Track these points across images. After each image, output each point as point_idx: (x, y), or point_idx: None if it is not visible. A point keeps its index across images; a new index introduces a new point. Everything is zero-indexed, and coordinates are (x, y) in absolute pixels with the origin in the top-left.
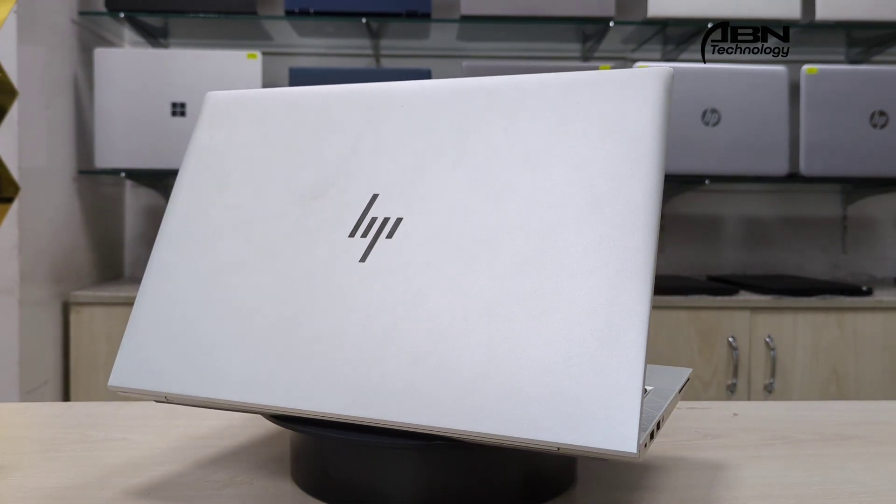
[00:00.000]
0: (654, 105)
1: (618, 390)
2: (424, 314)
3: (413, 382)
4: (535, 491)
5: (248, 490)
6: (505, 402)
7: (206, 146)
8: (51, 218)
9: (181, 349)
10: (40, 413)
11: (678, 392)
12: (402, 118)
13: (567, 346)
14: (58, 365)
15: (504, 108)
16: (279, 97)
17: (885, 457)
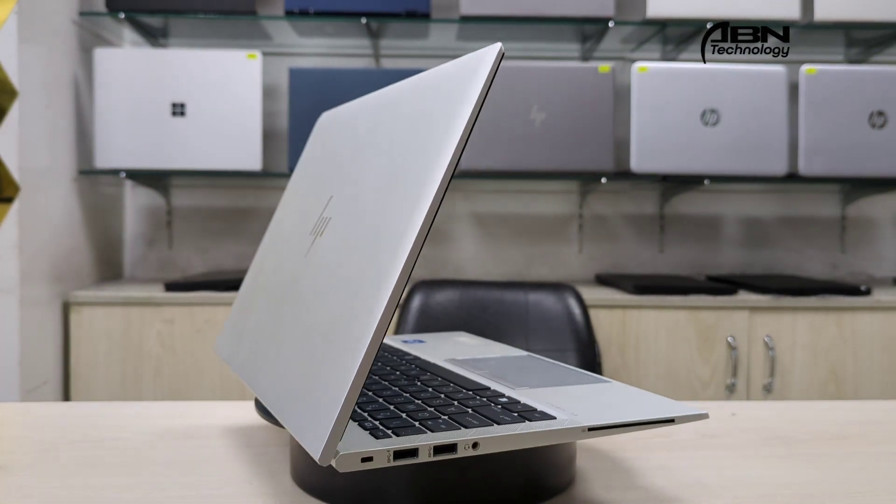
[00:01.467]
0: (464, 92)
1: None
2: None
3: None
4: (533, 490)
5: (248, 490)
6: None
7: (302, 159)
8: (51, 218)
9: (235, 332)
10: (41, 413)
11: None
12: (351, 133)
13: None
14: (58, 365)
15: (385, 118)
16: (348, 111)
17: (883, 456)
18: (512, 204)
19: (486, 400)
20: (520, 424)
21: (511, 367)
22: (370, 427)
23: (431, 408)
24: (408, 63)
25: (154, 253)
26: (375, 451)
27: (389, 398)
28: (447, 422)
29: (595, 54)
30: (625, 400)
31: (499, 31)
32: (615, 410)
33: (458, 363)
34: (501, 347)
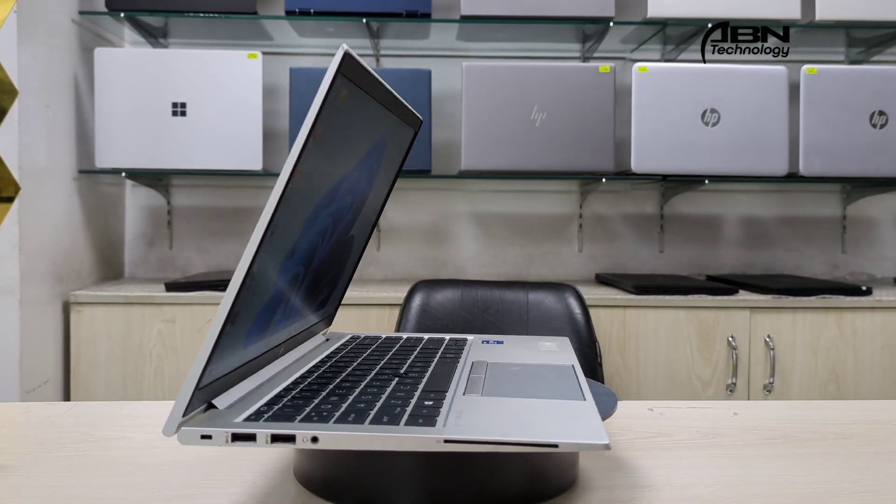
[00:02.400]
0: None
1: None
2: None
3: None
4: (536, 490)
5: (251, 489)
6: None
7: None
8: (51, 217)
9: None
10: (42, 413)
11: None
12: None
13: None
14: (58, 364)
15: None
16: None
17: (884, 456)
18: (512, 204)
19: (408, 401)
20: (378, 426)
21: (512, 376)
22: (264, 412)
23: (362, 403)
24: (408, 63)
25: (154, 253)
26: (214, 430)
27: (341, 391)
28: (336, 415)
29: (595, 54)
30: (538, 419)
31: (499, 32)
32: (505, 428)
33: (478, 365)
34: (560, 356)
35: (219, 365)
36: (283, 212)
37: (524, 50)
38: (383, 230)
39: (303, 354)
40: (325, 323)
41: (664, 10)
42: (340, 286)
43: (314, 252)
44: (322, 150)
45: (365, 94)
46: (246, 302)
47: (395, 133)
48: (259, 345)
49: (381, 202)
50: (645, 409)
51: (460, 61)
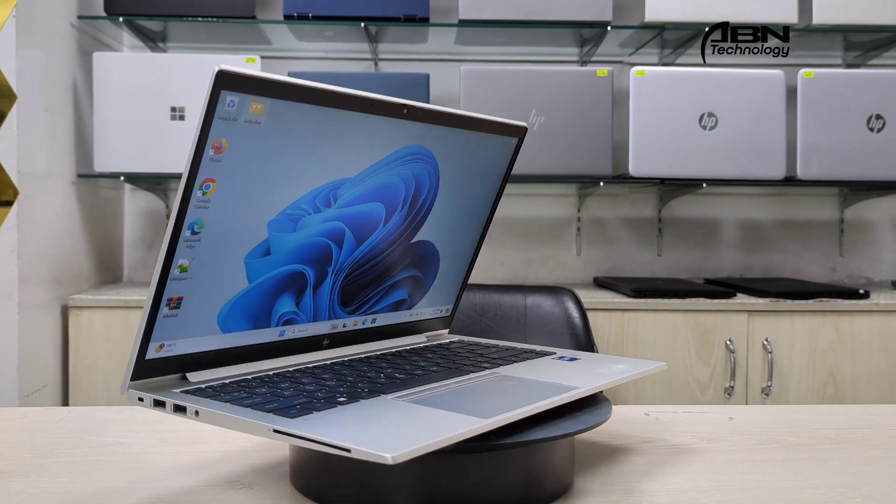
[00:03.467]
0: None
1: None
2: None
3: None
4: (531, 496)
5: (247, 494)
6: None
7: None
8: (50, 221)
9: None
10: (40, 418)
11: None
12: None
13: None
14: (57, 368)
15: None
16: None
17: (880, 461)
18: (510, 207)
19: (314, 396)
20: (251, 411)
21: (488, 389)
22: (205, 389)
23: (286, 393)
24: (407, 67)
25: (153, 256)
26: (143, 394)
27: (298, 383)
28: (247, 399)
29: (593, 58)
30: (386, 427)
31: (497, 36)
32: (341, 430)
33: (501, 377)
34: (588, 377)
35: (186, 342)
36: (209, 216)
37: (522, 54)
38: None
39: (357, 352)
40: (441, 323)
41: (662, 14)
42: (431, 290)
43: (326, 254)
44: (243, 163)
45: (339, 111)
46: (188, 292)
47: (446, 143)
48: (254, 333)
49: (472, 208)
50: (641, 414)
51: (458, 65)
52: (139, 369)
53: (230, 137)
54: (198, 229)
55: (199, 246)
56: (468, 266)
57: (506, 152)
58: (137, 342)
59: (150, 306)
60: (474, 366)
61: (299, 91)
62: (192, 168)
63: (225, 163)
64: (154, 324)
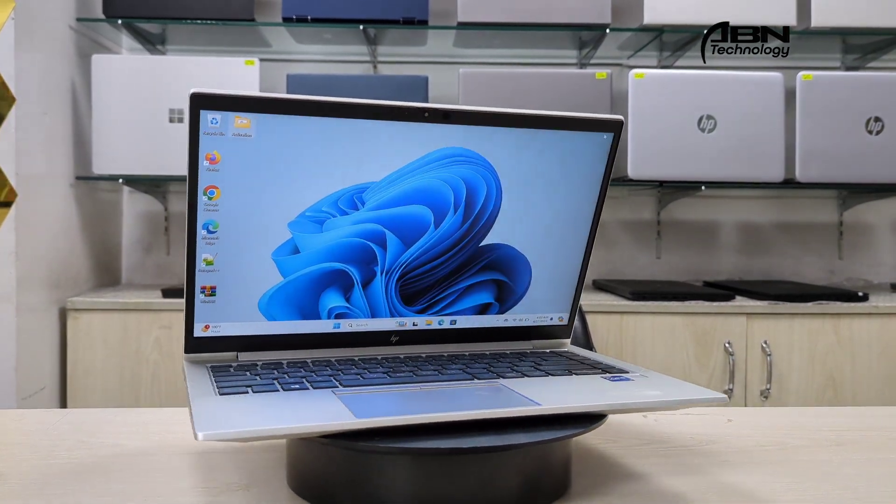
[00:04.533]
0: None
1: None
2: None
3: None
4: (529, 497)
5: (244, 496)
6: None
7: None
8: (48, 224)
9: None
10: (36, 420)
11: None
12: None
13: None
14: (55, 371)
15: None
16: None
17: (877, 462)
18: None
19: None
20: (219, 396)
21: (460, 397)
22: (237, 369)
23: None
24: (406, 70)
25: (152, 259)
26: (194, 367)
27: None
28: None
29: (592, 61)
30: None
31: (496, 38)
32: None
33: (495, 389)
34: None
35: (231, 325)
36: (220, 217)
37: (521, 57)
38: None
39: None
40: (557, 331)
41: (660, 17)
42: (528, 295)
43: (368, 255)
44: (243, 171)
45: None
46: (220, 282)
47: (501, 144)
48: (305, 323)
49: (565, 211)
50: (639, 416)
51: (457, 68)
52: (190, 344)
53: (221, 150)
54: (213, 229)
55: (218, 243)
56: (579, 272)
57: (598, 150)
58: (185, 322)
59: (186, 292)
60: (503, 372)
61: (279, 105)
62: (191, 177)
63: (223, 172)
64: (194, 307)
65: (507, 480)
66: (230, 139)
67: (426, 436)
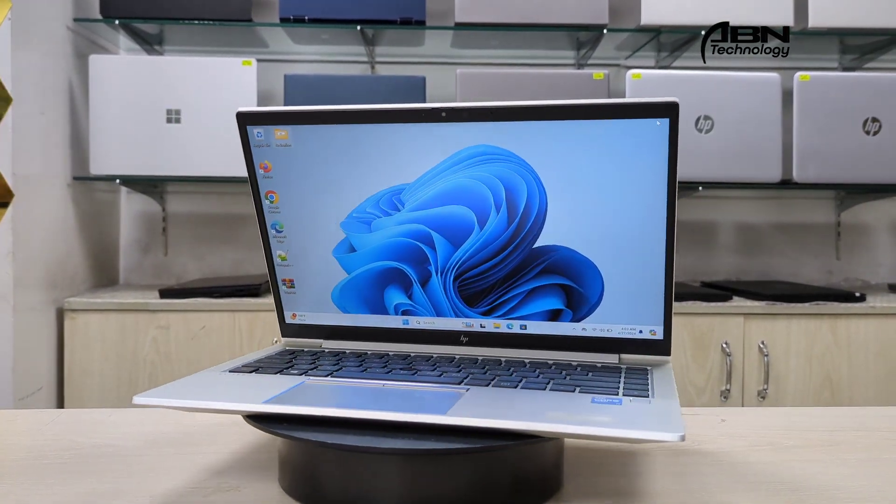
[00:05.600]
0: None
1: None
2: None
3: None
4: (520, 496)
5: (236, 496)
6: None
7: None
8: (45, 224)
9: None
10: (30, 420)
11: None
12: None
13: None
14: (52, 371)
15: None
16: None
17: (871, 462)
18: None
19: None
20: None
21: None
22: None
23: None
24: (403, 70)
25: (149, 259)
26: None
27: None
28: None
29: (590, 61)
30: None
31: (493, 39)
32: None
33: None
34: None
35: (313, 315)
36: (283, 219)
37: (518, 57)
38: None
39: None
40: (653, 347)
41: (658, 17)
42: (603, 304)
43: (419, 254)
44: (290, 177)
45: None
46: (296, 276)
47: (535, 139)
48: (376, 317)
49: (629, 210)
50: None
51: (454, 68)
52: (284, 329)
53: (270, 159)
54: (280, 228)
55: (286, 241)
56: (663, 280)
57: (652, 139)
58: (276, 309)
59: (271, 283)
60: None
61: (307, 116)
62: (252, 184)
63: (276, 178)
64: (280, 297)
65: (497, 479)
66: (274, 149)
67: (408, 434)
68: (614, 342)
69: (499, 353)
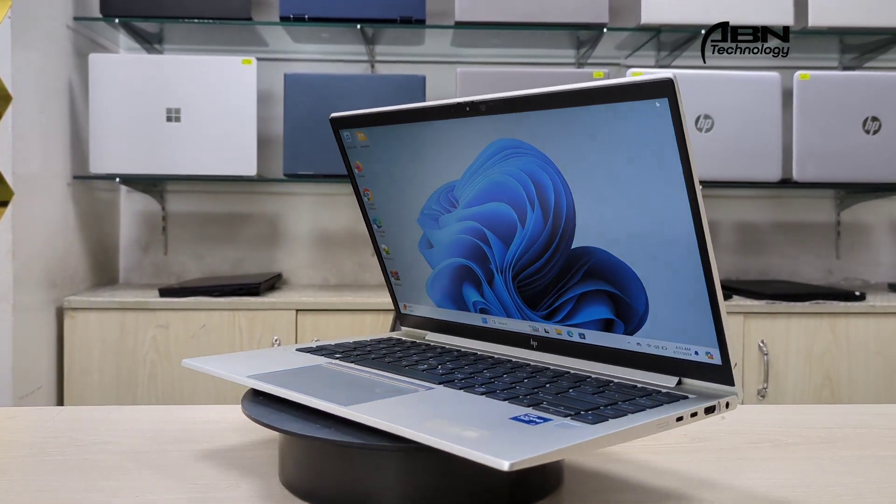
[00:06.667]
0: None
1: None
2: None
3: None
4: (521, 493)
5: (236, 493)
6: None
7: None
8: (45, 223)
9: None
10: (30, 417)
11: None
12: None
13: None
14: (52, 370)
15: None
16: None
17: (869, 460)
18: None
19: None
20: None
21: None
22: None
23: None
24: (403, 69)
25: (149, 258)
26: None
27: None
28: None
29: (590, 60)
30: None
31: (493, 38)
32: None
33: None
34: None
35: (418, 307)
36: (379, 215)
37: (519, 56)
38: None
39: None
40: (712, 373)
41: (658, 16)
42: (652, 317)
43: (479, 252)
44: (375, 176)
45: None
46: (399, 269)
47: (546, 130)
48: (461, 314)
49: (650, 207)
50: None
51: (455, 67)
52: (401, 319)
53: (360, 159)
54: (379, 224)
55: (387, 236)
56: (706, 291)
57: (655, 123)
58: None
59: (384, 275)
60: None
61: (376, 117)
62: (353, 183)
63: (367, 177)
64: (392, 289)
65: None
66: (359, 150)
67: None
68: (672, 363)
69: (568, 363)
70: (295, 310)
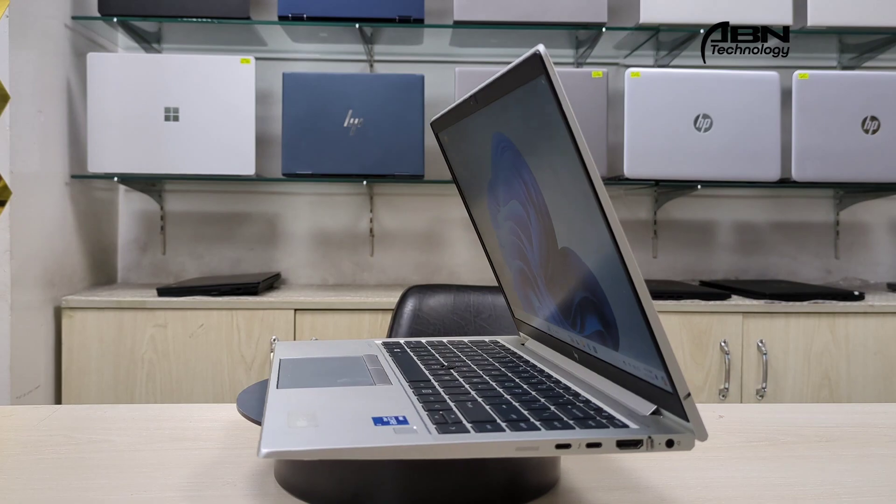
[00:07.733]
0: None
1: None
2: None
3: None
4: (517, 492)
5: (231, 491)
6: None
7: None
8: (43, 222)
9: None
10: (26, 416)
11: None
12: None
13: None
14: (50, 369)
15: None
16: None
17: (866, 458)
18: None
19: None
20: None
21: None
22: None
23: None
24: (402, 68)
25: (147, 258)
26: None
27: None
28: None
29: (589, 60)
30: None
31: (492, 37)
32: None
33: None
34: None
35: (516, 310)
36: (474, 216)
37: (517, 55)
38: (376, 235)
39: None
40: (676, 406)
41: (657, 16)
42: (621, 331)
43: (520, 251)
44: (461, 178)
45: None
46: (499, 272)
47: (513, 121)
48: (536, 320)
49: (577, 202)
50: None
51: (453, 66)
52: (514, 321)
53: (450, 161)
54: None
55: (483, 238)
56: (634, 300)
57: (544, 105)
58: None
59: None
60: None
61: (449, 114)
62: (455, 184)
63: (459, 180)
64: (504, 291)
65: (494, 475)
66: (448, 151)
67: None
68: (647, 388)
69: (593, 379)
70: (293, 309)
